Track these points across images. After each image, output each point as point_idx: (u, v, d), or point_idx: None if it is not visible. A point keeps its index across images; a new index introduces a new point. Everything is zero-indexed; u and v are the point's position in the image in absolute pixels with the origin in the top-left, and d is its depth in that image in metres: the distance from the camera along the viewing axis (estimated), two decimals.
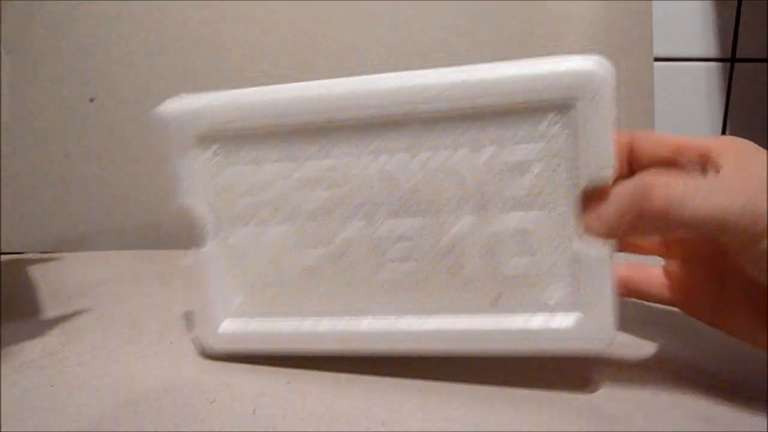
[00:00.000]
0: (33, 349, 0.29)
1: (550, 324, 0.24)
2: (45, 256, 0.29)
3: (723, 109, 0.53)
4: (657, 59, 0.49)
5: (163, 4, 0.46)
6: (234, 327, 0.27)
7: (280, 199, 0.26)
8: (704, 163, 0.23)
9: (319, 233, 0.26)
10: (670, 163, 0.24)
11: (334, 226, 0.26)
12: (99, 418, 0.24)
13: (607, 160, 0.23)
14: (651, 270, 0.28)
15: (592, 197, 0.23)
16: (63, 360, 0.29)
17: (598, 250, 0.23)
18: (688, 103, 0.53)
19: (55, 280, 0.40)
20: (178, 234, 0.28)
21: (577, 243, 0.23)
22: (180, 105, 0.26)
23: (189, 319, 0.31)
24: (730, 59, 0.53)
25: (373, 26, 0.46)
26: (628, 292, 0.28)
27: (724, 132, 0.53)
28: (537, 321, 0.24)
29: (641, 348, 0.29)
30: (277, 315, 0.27)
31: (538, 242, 0.24)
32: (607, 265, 0.23)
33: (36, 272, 0.40)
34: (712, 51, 0.53)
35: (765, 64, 0.52)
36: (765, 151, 0.22)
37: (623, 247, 0.29)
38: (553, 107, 0.23)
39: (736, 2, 0.51)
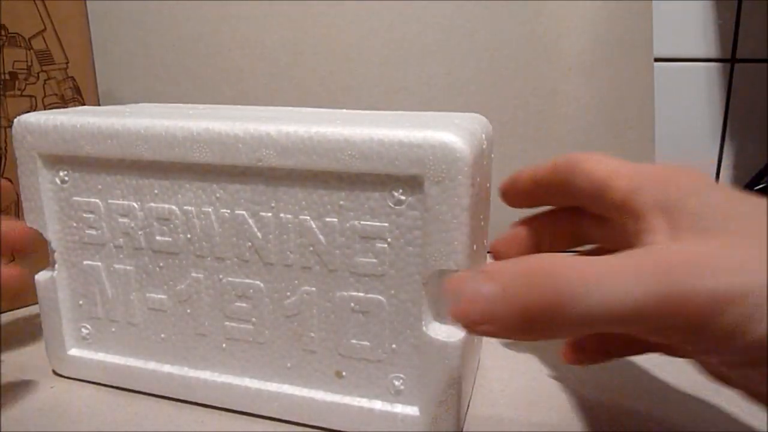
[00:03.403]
0: (33, 351, 0.29)
1: (393, 411, 0.22)
2: None
3: (723, 110, 0.53)
4: (657, 59, 0.49)
5: (164, 4, 0.46)
6: (81, 355, 0.27)
7: (124, 236, 0.25)
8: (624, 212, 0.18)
9: (163, 277, 0.25)
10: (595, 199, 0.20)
11: (177, 273, 0.24)
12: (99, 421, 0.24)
13: (457, 250, 0.20)
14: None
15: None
16: None
17: (447, 340, 0.21)
18: (688, 103, 0.53)
19: None
20: None
21: (423, 332, 0.21)
22: (32, 121, 0.25)
23: None
24: (730, 60, 0.53)
25: (373, 26, 0.46)
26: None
27: (724, 133, 0.53)
28: (379, 406, 0.23)
29: None
30: (122, 352, 0.26)
31: (379, 326, 0.22)
32: (455, 357, 0.21)
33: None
34: (712, 51, 0.53)
35: (765, 64, 0.52)
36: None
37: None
38: (401, 182, 0.21)
39: (736, 2, 0.51)
